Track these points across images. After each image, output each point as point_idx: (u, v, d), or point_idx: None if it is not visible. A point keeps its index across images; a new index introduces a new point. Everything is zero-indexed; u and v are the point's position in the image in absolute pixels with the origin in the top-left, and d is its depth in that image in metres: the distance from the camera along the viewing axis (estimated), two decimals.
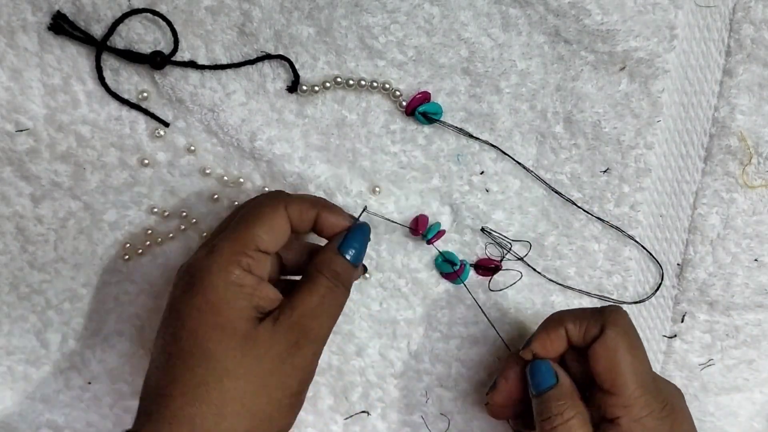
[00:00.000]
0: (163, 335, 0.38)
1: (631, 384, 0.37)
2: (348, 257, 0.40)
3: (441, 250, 0.47)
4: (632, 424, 0.37)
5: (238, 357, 0.36)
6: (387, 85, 0.45)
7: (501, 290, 0.48)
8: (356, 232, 0.40)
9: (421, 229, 0.46)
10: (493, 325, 0.47)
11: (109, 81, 0.44)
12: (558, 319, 0.41)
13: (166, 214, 0.47)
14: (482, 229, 0.47)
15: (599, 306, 0.41)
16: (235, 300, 0.36)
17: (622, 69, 0.45)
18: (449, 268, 0.47)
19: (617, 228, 0.47)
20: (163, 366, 0.37)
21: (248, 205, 0.40)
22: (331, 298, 0.39)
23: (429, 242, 0.46)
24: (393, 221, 0.46)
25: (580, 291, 0.47)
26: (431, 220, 0.47)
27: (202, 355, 0.36)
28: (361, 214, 0.43)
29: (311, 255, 0.41)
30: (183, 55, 0.44)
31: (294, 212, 0.39)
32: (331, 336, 0.40)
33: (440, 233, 0.46)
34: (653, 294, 0.48)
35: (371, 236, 0.47)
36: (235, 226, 0.38)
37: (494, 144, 0.46)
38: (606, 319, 0.39)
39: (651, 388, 0.38)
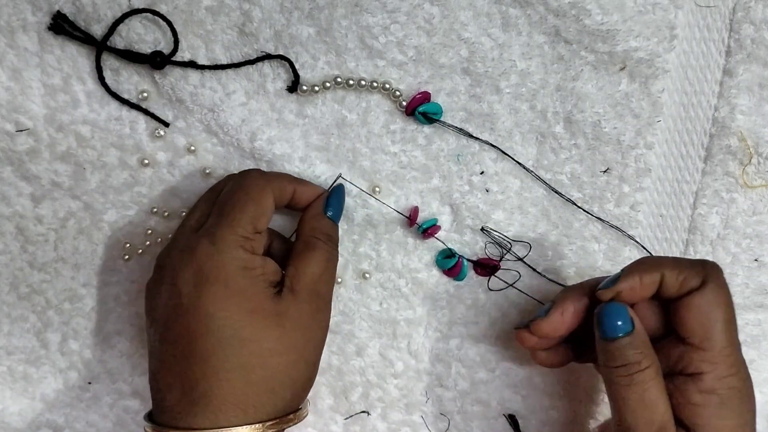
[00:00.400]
0: (180, 330, 0.37)
1: (723, 340, 0.36)
2: (333, 219, 0.43)
3: (444, 245, 0.47)
4: (716, 382, 0.36)
5: (276, 335, 0.38)
6: (387, 85, 0.45)
7: (501, 290, 0.48)
8: (336, 196, 0.44)
9: (414, 219, 0.46)
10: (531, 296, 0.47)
11: (109, 81, 0.44)
12: (655, 263, 0.38)
13: (166, 214, 0.47)
14: (482, 229, 0.47)
15: (695, 258, 0.39)
16: (254, 283, 0.38)
17: (622, 69, 0.45)
18: (450, 263, 0.46)
19: (617, 228, 0.47)
20: (192, 359, 0.37)
21: (234, 187, 0.40)
22: (332, 259, 0.42)
23: (424, 234, 0.46)
24: (364, 191, 0.46)
25: None
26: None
27: (242, 342, 0.37)
28: (335, 181, 0.45)
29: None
30: (183, 55, 0.44)
31: (275, 190, 0.41)
32: (331, 336, 0.41)
33: (435, 228, 0.46)
34: None
35: (372, 235, 0.47)
36: (229, 210, 0.39)
37: (494, 144, 0.46)
38: (708, 272, 0.37)
39: (739, 350, 0.37)
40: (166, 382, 0.38)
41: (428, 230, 0.46)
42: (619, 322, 0.37)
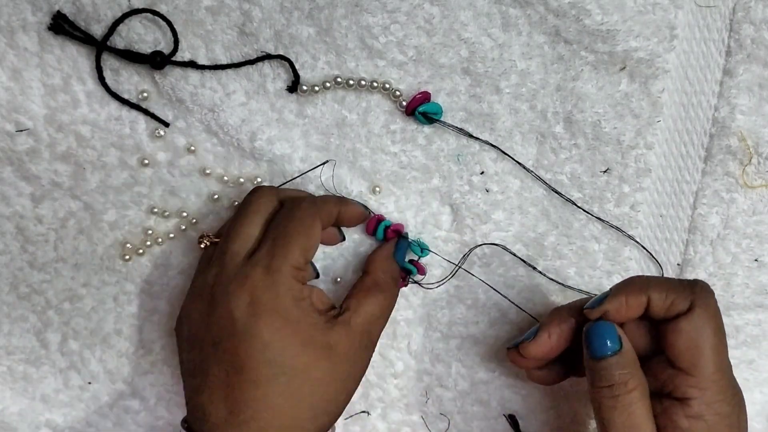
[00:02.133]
0: (232, 355, 0.38)
1: (711, 366, 0.36)
2: (399, 264, 0.45)
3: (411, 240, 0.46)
4: (704, 407, 0.36)
5: (325, 366, 0.39)
6: (387, 85, 0.45)
7: (439, 284, 0.48)
8: (405, 242, 0.46)
9: (368, 230, 0.46)
10: (506, 297, 0.47)
11: (109, 81, 0.44)
12: (642, 284, 0.38)
13: (166, 214, 0.47)
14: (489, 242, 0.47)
15: (685, 279, 0.39)
16: (306, 314, 0.39)
17: (622, 69, 0.45)
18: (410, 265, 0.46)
19: (617, 228, 0.47)
20: (241, 383, 0.38)
21: (289, 217, 0.41)
22: (392, 305, 0.44)
23: (385, 239, 0.46)
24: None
25: (580, 291, 0.47)
26: (432, 220, 0.47)
27: (294, 371, 0.38)
28: (323, 164, 0.45)
29: None
30: (183, 55, 0.44)
31: (324, 217, 0.41)
32: None
33: (395, 227, 0.46)
34: None
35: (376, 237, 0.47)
36: (284, 241, 0.40)
37: (494, 144, 0.46)
38: (697, 295, 0.36)
39: (729, 374, 0.37)
40: (212, 400, 0.39)
41: (387, 235, 0.46)
42: (608, 341, 0.37)
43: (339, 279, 0.47)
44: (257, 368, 0.38)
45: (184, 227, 0.47)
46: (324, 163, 0.46)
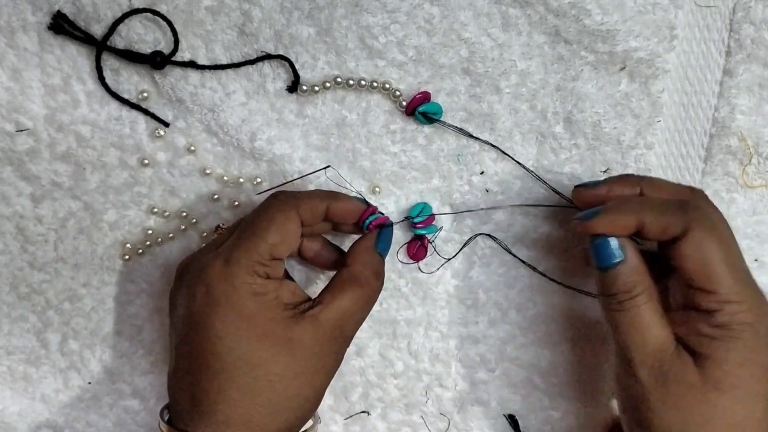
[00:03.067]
0: (194, 346, 0.39)
1: (727, 279, 0.35)
2: (382, 255, 0.42)
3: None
4: (728, 317, 0.35)
5: (285, 361, 0.38)
6: (387, 85, 0.45)
7: (431, 272, 0.48)
8: (388, 231, 0.43)
9: (361, 220, 0.43)
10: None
11: (109, 81, 0.44)
12: (634, 207, 0.37)
13: (166, 214, 0.47)
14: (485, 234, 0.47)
15: (678, 199, 0.38)
16: (266, 308, 0.38)
17: (622, 69, 0.45)
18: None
19: None
20: (200, 374, 0.38)
21: (259, 210, 0.40)
22: (373, 299, 0.41)
23: (368, 228, 0.43)
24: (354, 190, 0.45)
25: (580, 291, 0.47)
26: (434, 220, 0.47)
27: (249, 366, 0.38)
28: (325, 168, 0.45)
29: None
30: (183, 55, 0.44)
31: (305, 212, 0.40)
32: None
33: (378, 220, 0.43)
34: None
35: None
36: (249, 234, 0.39)
37: (494, 144, 0.46)
38: (689, 215, 0.36)
39: (748, 282, 0.36)
40: (179, 389, 0.40)
41: (371, 224, 0.43)
42: (611, 253, 0.37)
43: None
44: (212, 361, 0.38)
45: (184, 227, 0.47)
46: (326, 168, 0.45)
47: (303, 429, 0.42)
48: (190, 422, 0.38)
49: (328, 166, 0.45)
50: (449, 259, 0.47)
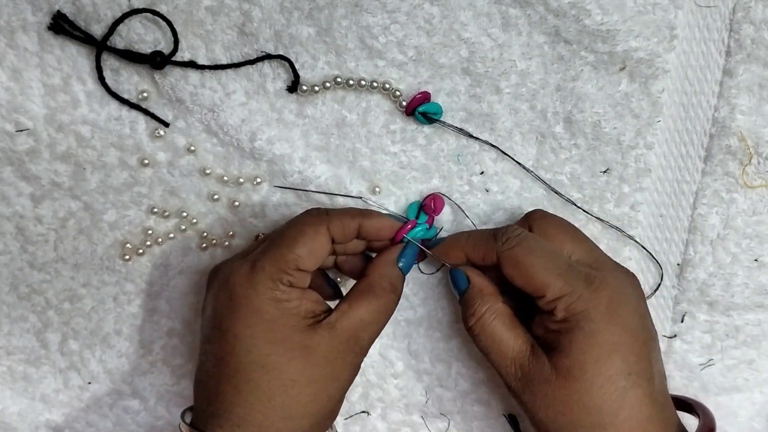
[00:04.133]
0: (216, 347, 0.39)
1: (550, 282, 0.39)
2: (403, 270, 0.43)
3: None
4: (564, 313, 0.39)
5: (300, 366, 0.39)
6: (387, 85, 0.45)
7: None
8: (413, 247, 0.44)
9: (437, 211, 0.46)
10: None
11: (109, 81, 0.44)
12: (456, 241, 0.43)
13: (166, 214, 0.47)
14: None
15: (493, 229, 0.42)
16: (286, 316, 0.39)
17: (622, 69, 0.45)
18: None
19: (617, 228, 0.47)
20: (219, 374, 0.39)
21: (291, 222, 0.41)
22: (388, 311, 0.42)
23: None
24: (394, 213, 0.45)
25: None
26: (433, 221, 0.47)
27: (264, 369, 0.38)
28: (358, 197, 0.45)
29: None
30: (183, 55, 0.44)
31: (336, 228, 0.41)
32: None
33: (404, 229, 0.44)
34: (652, 294, 0.48)
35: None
36: (277, 244, 0.39)
37: (494, 144, 0.46)
38: (497, 243, 0.41)
39: (573, 274, 0.39)
40: (200, 389, 0.41)
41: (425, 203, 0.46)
42: (458, 282, 0.43)
43: (339, 279, 0.47)
44: (229, 361, 0.39)
45: (184, 227, 0.47)
46: (358, 197, 0.46)
47: None
48: (207, 422, 0.39)
49: (360, 198, 0.46)
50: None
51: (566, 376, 0.38)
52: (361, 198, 0.46)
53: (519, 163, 0.46)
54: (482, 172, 0.46)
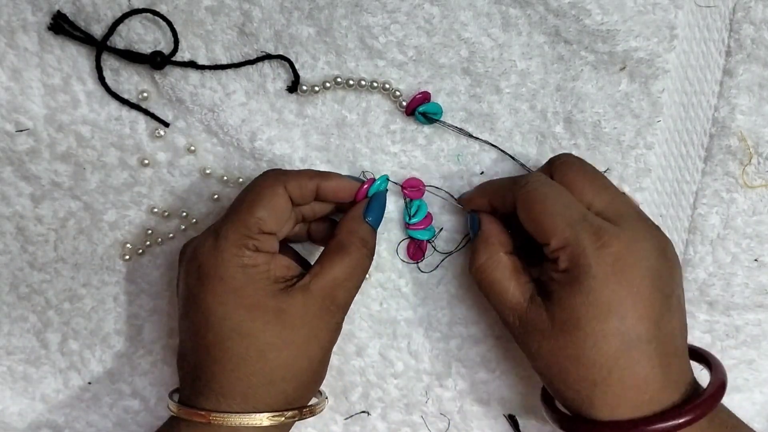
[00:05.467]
0: (191, 321, 0.40)
1: (558, 230, 0.38)
2: (372, 224, 0.43)
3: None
4: (566, 263, 0.38)
5: (276, 330, 0.39)
6: (387, 85, 0.45)
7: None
8: (378, 200, 0.43)
9: (359, 196, 0.43)
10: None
11: (109, 81, 0.44)
12: (483, 189, 0.44)
13: (166, 214, 0.47)
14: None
15: (516, 176, 0.43)
16: (255, 281, 0.39)
17: (622, 69, 0.45)
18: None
19: None
20: (197, 348, 0.40)
21: (248, 186, 0.41)
22: (361, 267, 0.42)
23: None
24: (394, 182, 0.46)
25: None
26: (432, 220, 0.47)
27: (240, 336, 0.39)
28: (378, 182, 0.44)
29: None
30: (183, 55, 0.44)
31: (293, 188, 0.40)
32: None
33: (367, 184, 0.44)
34: None
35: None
36: (237, 210, 0.40)
37: (494, 144, 0.46)
38: (518, 186, 0.40)
39: (582, 225, 0.38)
40: (182, 365, 0.41)
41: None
42: (472, 226, 0.44)
43: None
44: (206, 333, 0.39)
45: (184, 227, 0.47)
46: (385, 181, 0.45)
47: (308, 405, 0.42)
48: (192, 396, 0.40)
49: (386, 178, 0.45)
50: (449, 254, 0.47)
51: (561, 329, 0.38)
52: (362, 174, 0.46)
53: (519, 163, 0.46)
54: (482, 172, 0.47)
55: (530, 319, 0.39)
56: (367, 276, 0.47)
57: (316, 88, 0.45)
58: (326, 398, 0.45)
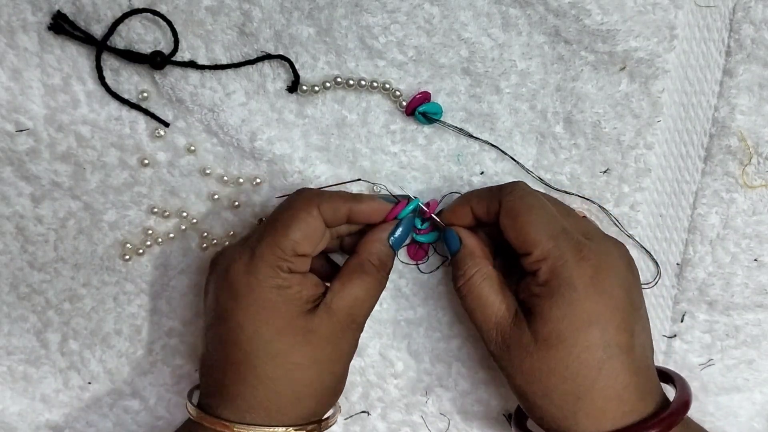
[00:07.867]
0: (218, 334, 0.40)
1: (540, 241, 0.38)
2: (394, 247, 0.43)
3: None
4: (547, 275, 0.38)
5: (303, 350, 0.39)
6: (387, 85, 0.45)
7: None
8: (406, 225, 0.43)
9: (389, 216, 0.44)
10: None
11: (109, 81, 0.44)
12: (465, 198, 0.43)
13: (166, 214, 0.47)
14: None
15: (498, 185, 0.43)
16: (287, 302, 0.39)
17: (622, 69, 0.45)
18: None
19: (618, 227, 0.47)
20: (224, 362, 0.40)
21: (284, 206, 0.41)
22: (380, 288, 0.42)
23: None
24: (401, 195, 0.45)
25: None
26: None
27: (268, 355, 0.39)
28: (356, 180, 0.45)
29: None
30: (183, 55, 0.44)
31: (327, 211, 0.41)
32: None
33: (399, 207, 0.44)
34: (651, 286, 0.48)
35: None
36: (274, 229, 0.40)
37: (494, 144, 0.46)
38: (502, 193, 0.41)
39: (565, 239, 0.39)
40: (206, 374, 0.42)
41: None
42: (451, 242, 0.43)
43: None
44: (234, 350, 0.39)
45: (184, 227, 0.47)
46: (356, 180, 0.46)
47: (324, 417, 0.42)
48: (216, 406, 0.40)
49: (358, 179, 0.46)
50: (450, 257, 0.47)
51: (544, 344, 0.38)
52: (359, 180, 0.46)
53: (519, 163, 0.46)
54: (482, 172, 0.47)
55: (513, 335, 0.39)
56: None
57: (316, 88, 0.45)
58: (340, 409, 0.46)
